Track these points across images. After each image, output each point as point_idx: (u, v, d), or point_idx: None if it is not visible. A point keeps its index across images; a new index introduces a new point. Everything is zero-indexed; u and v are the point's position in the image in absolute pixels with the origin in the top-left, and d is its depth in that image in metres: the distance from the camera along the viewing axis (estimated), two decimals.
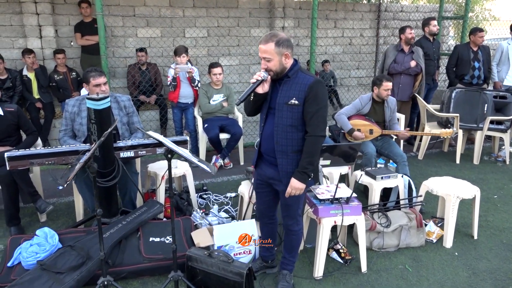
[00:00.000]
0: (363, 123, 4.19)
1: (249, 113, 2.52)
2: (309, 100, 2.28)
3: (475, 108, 5.28)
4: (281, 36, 2.27)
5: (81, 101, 3.34)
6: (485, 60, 5.72)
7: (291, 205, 2.51)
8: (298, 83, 2.31)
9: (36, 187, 3.59)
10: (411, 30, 5.32)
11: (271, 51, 2.25)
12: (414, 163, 5.21)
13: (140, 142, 3.18)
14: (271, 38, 2.26)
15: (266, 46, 2.26)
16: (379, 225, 3.22)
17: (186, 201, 3.80)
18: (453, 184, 3.44)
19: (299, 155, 2.37)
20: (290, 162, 2.39)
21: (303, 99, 2.29)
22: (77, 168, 2.14)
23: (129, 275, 2.80)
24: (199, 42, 6.77)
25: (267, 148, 2.45)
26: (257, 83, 2.31)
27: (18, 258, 2.74)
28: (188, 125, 5.38)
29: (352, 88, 8.08)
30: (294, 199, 2.47)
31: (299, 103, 2.29)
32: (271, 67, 2.28)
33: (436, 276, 2.90)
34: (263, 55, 2.29)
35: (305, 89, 2.28)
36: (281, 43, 2.25)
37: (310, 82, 2.28)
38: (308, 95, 2.28)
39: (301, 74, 2.34)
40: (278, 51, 2.25)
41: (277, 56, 2.26)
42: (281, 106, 2.33)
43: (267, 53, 2.26)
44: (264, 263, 2.89)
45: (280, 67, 2.29)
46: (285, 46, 2.27)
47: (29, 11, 5.64)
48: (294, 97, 2.30)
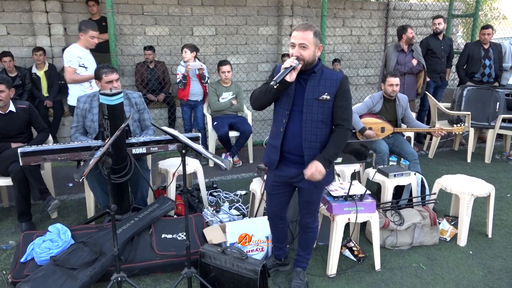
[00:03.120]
0: (375, 121, 4.15)
1: (261, 105, 2.39)
2: (340, 95, 2.30)
3: (487, 106, 5.23)
4: (317, 28, 2.28)
5: (93, 97, 3.34)
6: (496, 58, 5.66)
7: (313, 201, 2.48)
8: (327, 78, 2.30)
9: (47, 184, 3.60)
10: (412, 29, 5.27)
11: (310, 39, 2.23)
12: (425, 162, 5.17)
13: (152, 138, 3.18)
14: (310, 27, 2.24)
15: (305, 34, 2.23)
16: (392, 223, 3.19)
17: (196, 198, 3.79)
18: (467, 182, 3.40)
19: None
20: None
21: (334, 94, 2.30)
22: (92, 162, 2.13)
23: (141, 272, 2.79)
24: (207, 40, 6.76)
25: (292, 147, 2.37)
26: (290, 68, 2.21)
27: (31, 254, 2.74)
28: (197, 122, 5.36)
29: (360, 87, 8.03)
30: (317, 196, 2.46)
31: (330, 98, 2.29)
32: (305, 56, 2.24)
33: (451, 275, 2.86)
34: (300, 41, 2.23)
35: (336, 84, 2.29)
36: (317, 35, 2.26)
37: (340, 77, 2.31)
38: (339, 90, 2.29)
39: (326, 70, 2.34)
40: (315, 41, 2.25)
41: (313, 46, 2.25)
42: (311, 102, 2.29)
43: (306, 40, 2.22)
44: (277, 261, 2.86)
45: (313, 57, 2.28)
46: (319, 39, 2.29)
47: (39, 9, 5.65)
48: (326, 92, 2.29)
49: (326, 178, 2.38)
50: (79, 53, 4.01)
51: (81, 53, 4.02)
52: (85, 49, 4.09)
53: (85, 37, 4.02)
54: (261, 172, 3.38)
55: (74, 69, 3.98)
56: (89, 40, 4.03)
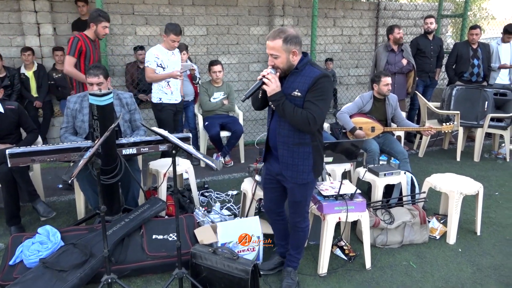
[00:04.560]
0: (365, 120, 4.18)
1: (257, 108, 2.50)
2: (312, 91, 2.23)
3: (476, 106, 5.29)
4: (290, 32, 2.21)
5: (83, 98, 3.31)
6: (484, 58, 5.73)
7: (299, 202, 2.49)
8: (304, 75, 2.27)
9: (36, 186, 3.56)
10: (399, 29, 5.31)
11: (279, 48, 2.20)
12: (415, 161, 5.21)
13: (143, 139, 3.16)
14: (279, 35, 2.20)
15: (274, 42, 2.21)
16: (383, 221, 3.21)
17: (188, 199, 3.78)
18: (456, 180, 3.44)
19: (300, 148, 2.34)
20: (290, 154, 2.36)
21: (305, 91, 2.24)
22: (81, 163, 2.12)
23: (132, 273, 2.78)
24: (198, 40, 6.75)
25: (274, 142, 2.43)
26: (260, 82, 2.26)
27: (20, 257, 2.71)
28: (188, 123, 5.35)
29: (351, 86, 8.08)
30: (302, 196, 2.46)
31: (301, 95, 2.25)
32: (278, 64, 2.25)
33: (441, 272, 2.89)
34: (270, 52, 2.24)
35: (309, 81, 2.23)
36: (289, 40, 2.19)
37: (316, 75, 2.23)
38: (312, 86, 2.23)
39: (309, 67, 2.29)
40: (286, 48, 2.21)
41: (284, 53, 2.21)
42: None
43: (274, 50, 2.21)
44: (282, 259, 2.86)
45: (287, 64, 2.25)
46: (293, 43, 2.21)
47: (27, 8, 5.60)
48: (297, 88, 2.26)
49: (305, 175, 2.39)
50: (158, 53, 4.24)
51: (160, 54, 4.25)
52: (166, 50, 4.30)
53: (167, 39, 4.23)
54: (252, 172, 3.38)
55: (152, 69, 4.26)
56: (169, 43, 4.24)
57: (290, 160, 2.37)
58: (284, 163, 2.40)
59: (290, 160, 2.37)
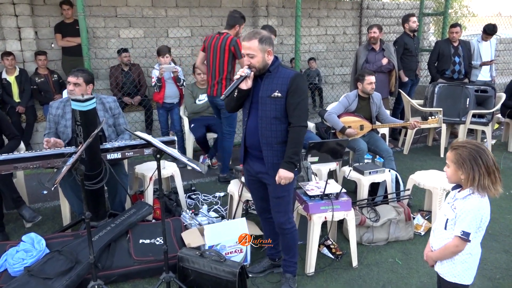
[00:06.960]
0: (353, 119, 4.22)
1: (231, 109, 2.58)
2: (292, 92, 2.37)
3: (458, 103, 5.39)
4: (264, 33, 2.37)
5: (66, 103, 3.28)
6: (465, 55, 5.83)
7: (282, 197, 2.50)
8: (280, 77, 2.39)
9: (20, 193, 3.51)
10: (375, 28, 5.31)
11: (255, 48, 2.33)
12: (400, 158, 5.28)
13: (127, 143, 3.14)
14: (254, 36, 2.34)
15: (250, 43, 2.34)
16: (368, 219, 3.25)
17: (175, 202, 3.77)
18: (439, 177, 3.50)
19: (283, 147, 2.43)
20: (275, 154, 2.44)
21: (285, 91, 2.37)
22: (64, 170, 2.10)
23: (119, 278, 2.76)
24: (182, 42, 6.72)
25: (252, 142, 2.49)
26: (240, 79, 2.37)
27: (4, 265, 2.67)
28: (174, 125, 5.33)
29: (336, 85, 8.13)
30: (284, 190, 2.49)
31: (282, 95, 2.37)
32: (255, 63, 2.36)
33: (426, 268, 2.94)
34: (246, 52, 2.36)
35: (287, 82, 2.37)
36: (264, 40, 2.34)
37: (292, 75, 2.37)
38: (290, 87, 2.36)
39: (282, 69, 2.43)
40: (262, 48, 2.34)
41: (260, 52, 2.34)
42: (265, 100, 2.39)
43: (251, 50, 2.34)
44: (271, 262, 2.88)
45: (263, 63, 2.37)
46: (268, 43, 2.36)
47: (7, 12, 5.50)
48: (277, 89, 2.37)
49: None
50: None
51: None
52: None
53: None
54: (238, 173, 3.39)
55: None
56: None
57: (275, 159, 2.45)
58: (270, 164, 2.46)
59: (275, 160, 2.45)
